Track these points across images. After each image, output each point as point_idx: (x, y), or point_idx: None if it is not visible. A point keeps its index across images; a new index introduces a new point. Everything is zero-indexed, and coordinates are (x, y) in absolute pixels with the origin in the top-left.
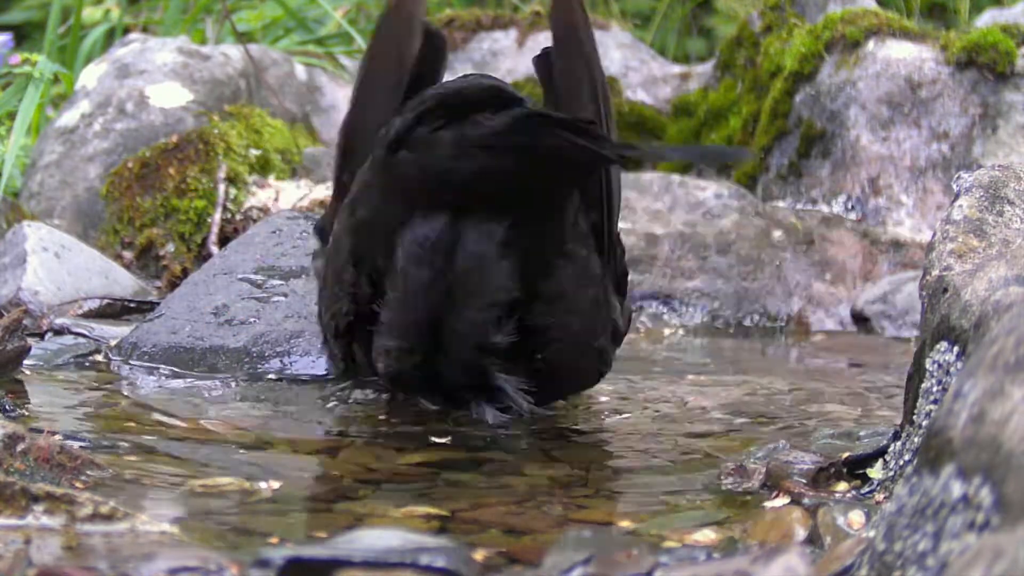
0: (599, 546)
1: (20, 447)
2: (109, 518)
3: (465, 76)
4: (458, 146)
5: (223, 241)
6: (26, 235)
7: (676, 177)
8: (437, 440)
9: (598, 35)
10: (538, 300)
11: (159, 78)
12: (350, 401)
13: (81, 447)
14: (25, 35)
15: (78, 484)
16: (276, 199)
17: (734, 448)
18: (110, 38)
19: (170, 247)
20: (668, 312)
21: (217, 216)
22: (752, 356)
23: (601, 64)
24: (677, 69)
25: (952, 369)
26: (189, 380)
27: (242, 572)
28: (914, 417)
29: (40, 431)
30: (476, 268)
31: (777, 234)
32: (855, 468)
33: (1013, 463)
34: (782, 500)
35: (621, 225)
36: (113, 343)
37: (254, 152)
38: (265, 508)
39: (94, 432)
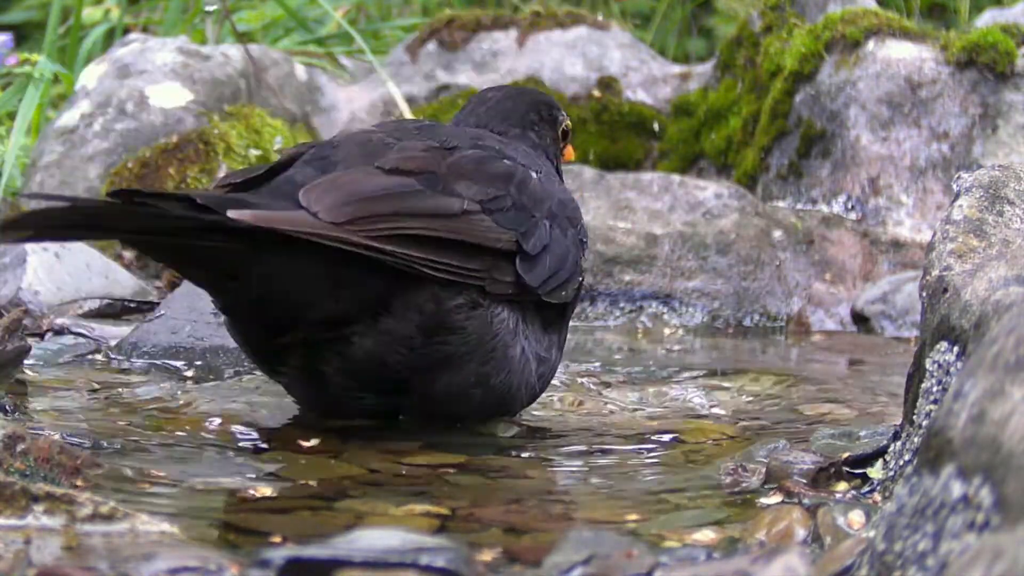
0: (599, 546)
1: (20, 447)
2: (109, 518)
3: None
4: None
5: None
6: None
7: (676, 177)
8: (437, 441)
9: (598, 35)
10: None
11: (159, 78)
12: None
13: (81, 447)
14: (25, 35)
15: (78, 484)
16: None
17: (734, 448)
18: (110, 38)
19: None
20: (668, 312)
21: None
22: (752, 356)
23: None
24: (677, 69)
25: (952, 369)
26: (189, 380)
27: (242, 572)
28: (914, 417)
29: (40, 431)
30: None
31: (777, 234)
32: (855, 468)
33: (1013, 463)
34: (782, 500)
35: (621, 225)
36: (113, 343)
37: (254, 152)
38: (265, 508)
39: (94, 432)
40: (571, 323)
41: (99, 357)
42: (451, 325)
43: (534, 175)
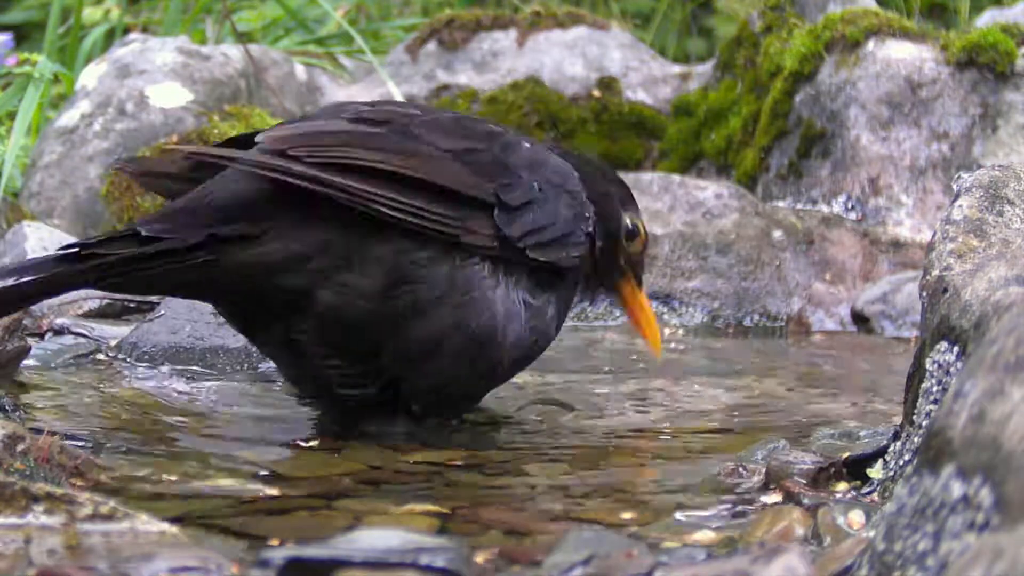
0: (599, 546)
1: (20, 447)
2: (109, 518)
3: None
4: None
5: None
6: (26, 235)
7: (676, 177)
8: (437, 441)
9: (598, 35)
10: None
11: (159, 78)
12: None
13: (81, 447)
14: (25, 35)
15: (78, 484)
16: None
17: (734, 448)
18: (110, 38)
19: None
20: (668, 312)
21: None
22: (752, 356)
23: None
24: (677, 69)
25: (952, 369)
26: (189, 380)
27: (242, 572)
28: (914, 417)
29: (40, 431)
30: None
31: (777, 234)
32: (855, 468)
33: (1013, 463)
34: (782, 499)
35: None
36: (113, 343)
37: None
38: (265, 508)
39: (94, 432)
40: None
41: (99, 357)
42: (415, 277)
43: (527, 144)
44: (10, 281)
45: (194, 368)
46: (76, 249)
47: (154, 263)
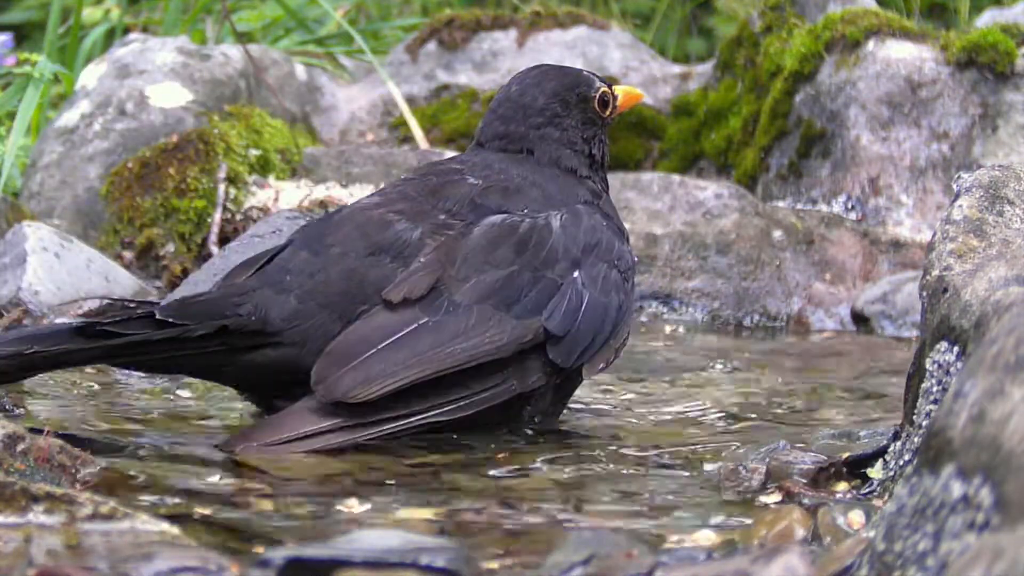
0: (599, 546)
1: (20, 447)
2: (109, 518)
3: None
4: None
5: (223, 241)
6: (26, 235)
7: (676, 177)
8: (438, 441)
9: (598, 35)
10: None
11: (159, 78)
12: None
13: (81, 447)
14: (25, 35)
15: (78, 484)
16: (276, 199)
17: (734, 448)
18: (110, 38)
19: (170, 247)
20: (668, 312)
21: (217, 216)
22: (752, 356)
23: None
24: (677, 69)
25: (952, 369)
26: (189, 380)
27: (242, 572)
28: (914, 417)
29: (40, 431)
30: None
31: (777, 234)
32: (855, 468)
33: (1013, 463)
34: (782, 500)
35: None
36: None
37: (254, 152)
38: (265, 508)
39: (94, 432)
40: None
41: None
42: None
43: (556, 223)
44: (24, 348)
45: None
46: (92, 324)
47: (165, 348)
